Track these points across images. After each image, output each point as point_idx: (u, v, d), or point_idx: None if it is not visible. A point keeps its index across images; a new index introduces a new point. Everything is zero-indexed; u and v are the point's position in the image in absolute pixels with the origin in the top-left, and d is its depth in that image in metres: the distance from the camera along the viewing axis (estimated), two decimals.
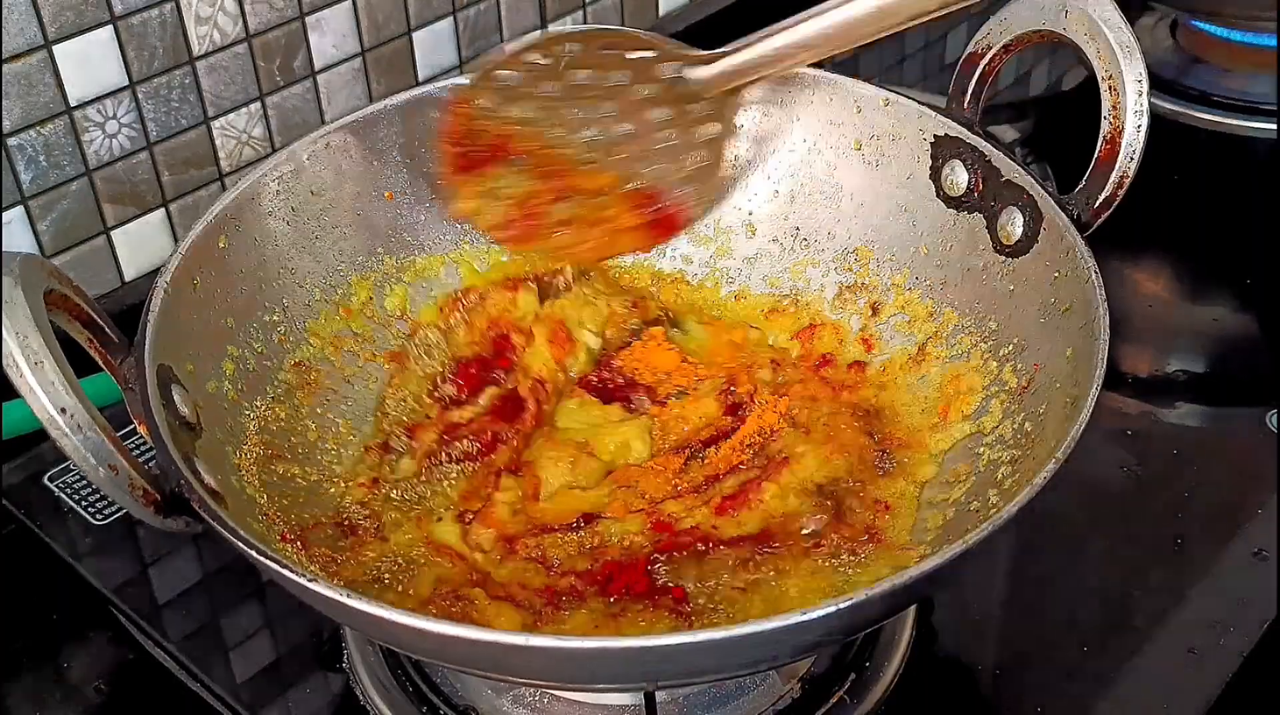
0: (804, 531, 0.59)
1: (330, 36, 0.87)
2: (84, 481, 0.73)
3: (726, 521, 0.60)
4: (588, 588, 0.58)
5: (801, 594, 0.57)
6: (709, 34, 1.07)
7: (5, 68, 0.73)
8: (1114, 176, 0.61)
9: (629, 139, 0.68)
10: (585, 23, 1.03)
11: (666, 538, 0.60)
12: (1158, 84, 0.99)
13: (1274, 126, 0.97)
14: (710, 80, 0.68)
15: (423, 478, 0.63)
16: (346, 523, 0.61)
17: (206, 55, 0.81)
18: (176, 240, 0.84)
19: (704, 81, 0.68)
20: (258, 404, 0.62)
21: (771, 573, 0.57)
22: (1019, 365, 0.62)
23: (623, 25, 1.06)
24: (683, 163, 0.69)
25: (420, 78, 0.94)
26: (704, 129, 0.69)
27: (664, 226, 0.70)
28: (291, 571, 0.47)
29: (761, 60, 0.67)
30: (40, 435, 0.52)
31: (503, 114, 0.67)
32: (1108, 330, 0.55)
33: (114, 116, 0.79)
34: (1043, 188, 0.62)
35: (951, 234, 0.67)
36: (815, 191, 0.72)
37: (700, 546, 0.59)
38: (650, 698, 0.59)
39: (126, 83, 0.79)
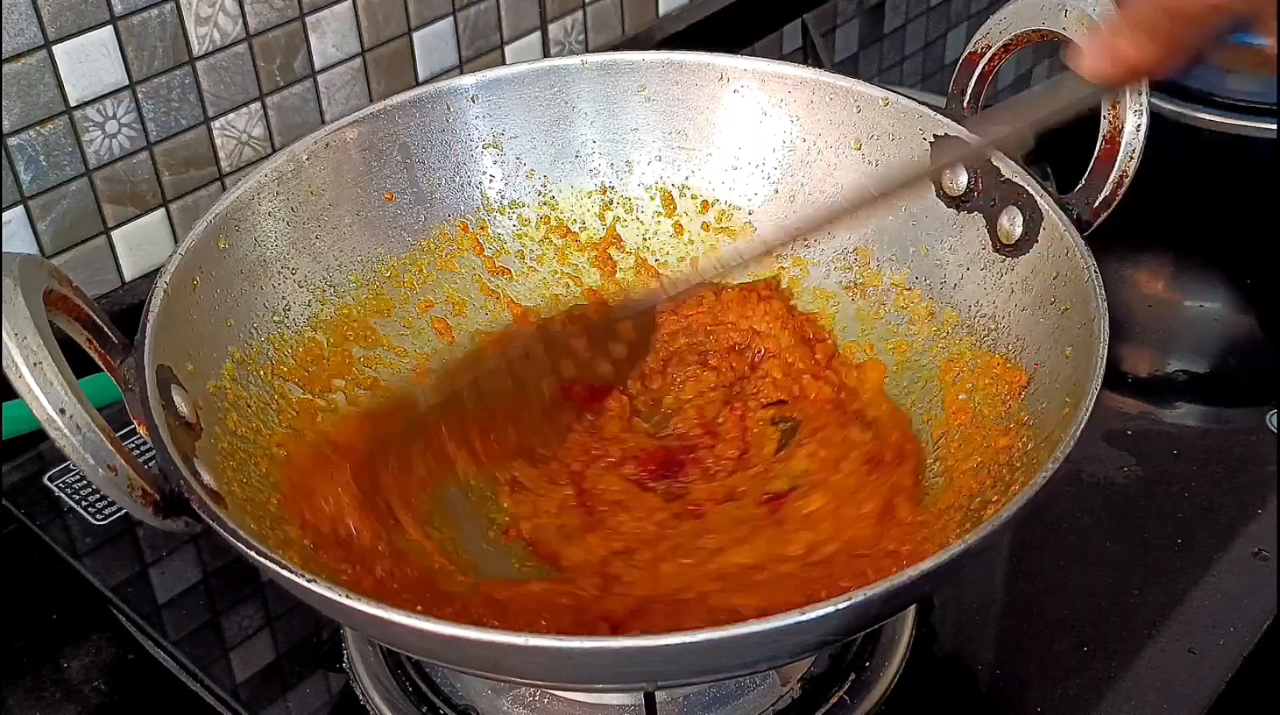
0: None
1: (330, 36, 0.87)
2: (84, 481, 0.73)
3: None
4: None
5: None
6: (709, 34, 1.07)
7: (5, 68, 0.73)
8: (1114, 176, 0.61)
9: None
10: (585, 23, 1.03)
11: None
12: (1158, 84, 0.99)
13: (1274, 126, 0.97)
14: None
15: None
16: None
17: (206, 55, 0.81)
18: (176, 240, 0.84)
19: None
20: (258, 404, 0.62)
21: None
22: (1019, 365, 0.62)
23: (623, 26, 1.06)
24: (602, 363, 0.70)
25: (420, 78, 0.94)
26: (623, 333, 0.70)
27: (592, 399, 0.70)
28: (291, 571, 0.47)
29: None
30: (40, 435, 0.52)
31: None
32: (1107, 330, 0.55)
33: (114, 116, 0.79)
34: (1043, 188, 0.62)
35: (951, 234, 0.67)
36: (815, 191, 0.72)
37: None
38: (650, 698, 0.59)
39: (126, 83, 0.79)
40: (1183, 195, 0.93)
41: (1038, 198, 0.62)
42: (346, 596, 0.46)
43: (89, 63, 0.76)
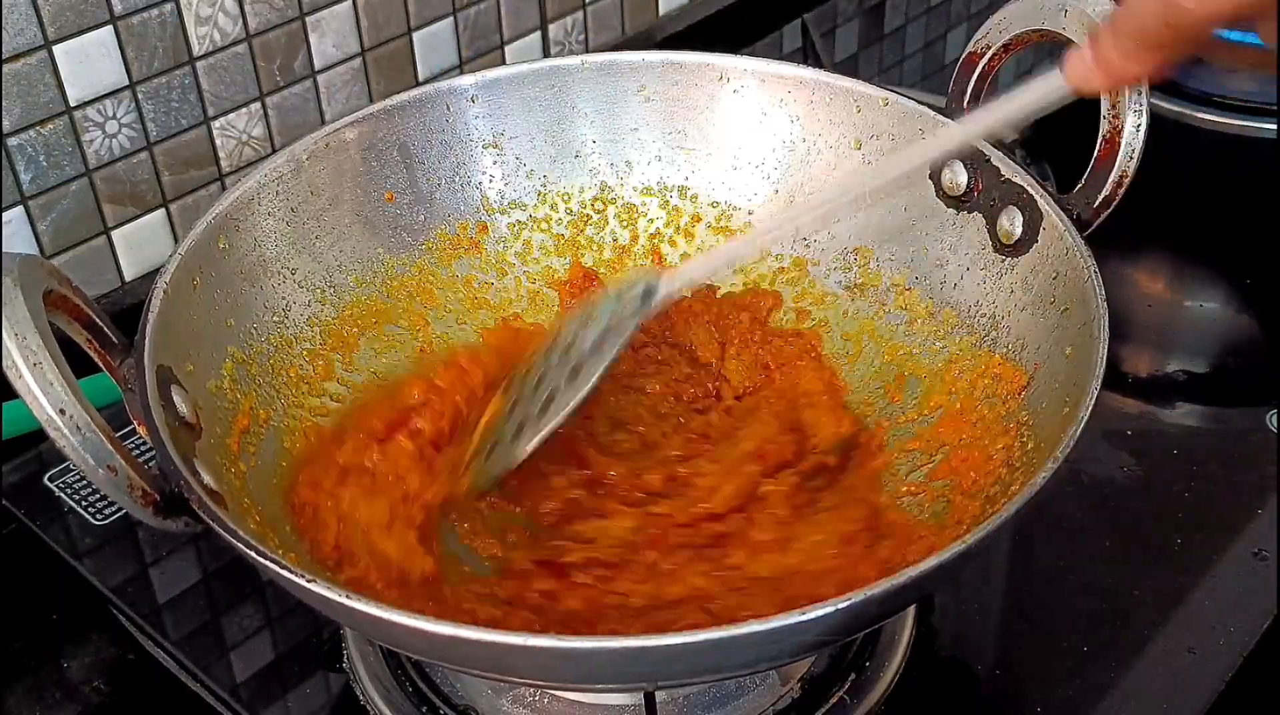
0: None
1: (330, 36, 0.87)
2: (84, 481, 0.73)
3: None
4: None
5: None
6: (709, 34, 1.07)
7: (5, 68, 0.73)
8: (1114, 176, 0.61)
9: None
10: (585, 23, 1.03)
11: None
12: (1158, 84, 0.99)
13: (1274, 126, 0.97)
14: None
15: None
16: None
17: (206, 55, 0.81)
18: (176, 240, 0.84)
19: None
20: (258, 404, 0.62)
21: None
22: (1019, 365, 0.62)
23: (623, 26, 1.06)
24: None
25: (420, 78, 0.94)
26: None
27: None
28: (291, 572, 0.47)
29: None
30: (40, 435, 0.52)
31: None
32: (1107, 330, 0.55)
33: (114, 116, 0.79)
34: (1043, 188, 0.62)
35: (951, 234, 0.67)
36: (815, 191, 0.72)
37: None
38: (650, 698, 0.59)
39: (126, 83, 0.79)
40: (1183, 195, 0.93)
41: (1038, 198, 0.62)
42: (347, 596, 0.46)
43: (89, 63, 0.76)
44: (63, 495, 0.73)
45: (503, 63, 0.98)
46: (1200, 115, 0.99)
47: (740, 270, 0.74)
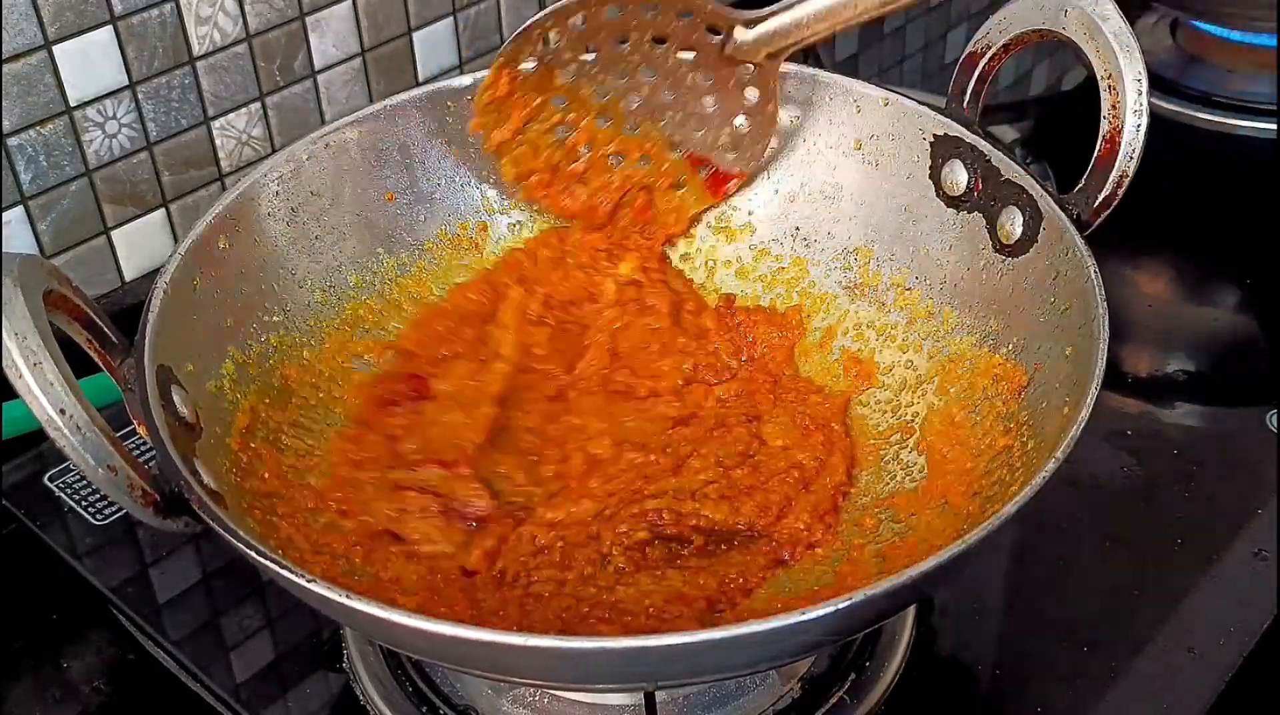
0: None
1: (330, 36, 0.87)
2: (84, 481, 0.73)
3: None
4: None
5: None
6: None
7: (5, 68, 0.73)
8: (1114, 176, 0.61)
9: (671, 106, 0.70)
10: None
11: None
12: (1158, 84, 0.99)
13: (1274, 126, 0.97)
14: (752, 45, 0.68)
15: None
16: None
17: (206, 55, 0.81)
18: (176, 240, 0.84)
19: (746, 45, 0.68)
20: (258, 404, 0.62)
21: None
22: (1019, 364, 0.62)
23: None
24: (725, 129, 0.70)
25: (420, 78, 0.94)
26: (746, 95, 0.70)
27: (712, 187, 0.71)
28: (291, 572, 0.47)
29: (803, 21, 0.67)
30: (40, 435, 0.52)
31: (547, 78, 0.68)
32: (1107, 330, 0.55)
33: (114, 116, 0.79)
34: (1043, 187, 0.62)
35: (951, 233, 0.67)
36: (815, 191, 0.72)
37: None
38: (650, 698, 0.59)
39: (126, 83, 0.79)
40: (1183, 195, 0.93)
41: (1038, 198, 0.62)
42: (347, 596, 0.46)
43: (89, 63, 0.77)
44: (63, 495, 0.73)
45: None
46: (1200, 115, 0.99)
47: (740, 272, 0.74)
